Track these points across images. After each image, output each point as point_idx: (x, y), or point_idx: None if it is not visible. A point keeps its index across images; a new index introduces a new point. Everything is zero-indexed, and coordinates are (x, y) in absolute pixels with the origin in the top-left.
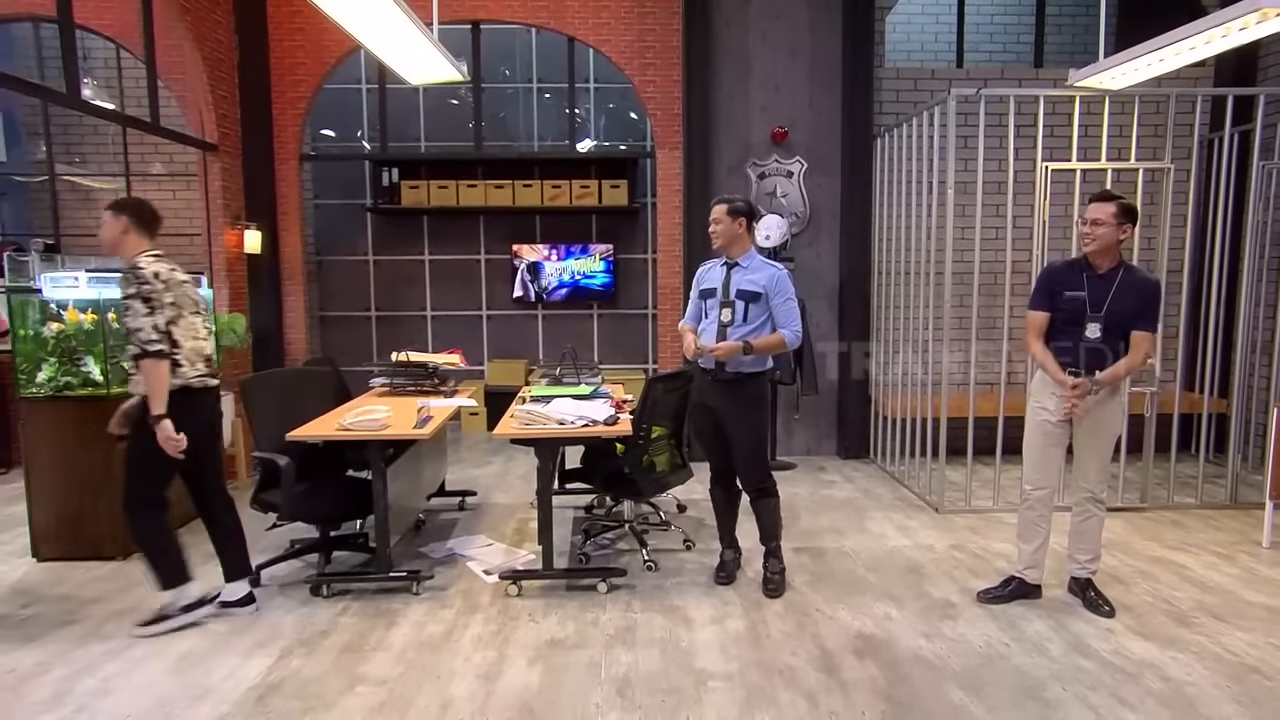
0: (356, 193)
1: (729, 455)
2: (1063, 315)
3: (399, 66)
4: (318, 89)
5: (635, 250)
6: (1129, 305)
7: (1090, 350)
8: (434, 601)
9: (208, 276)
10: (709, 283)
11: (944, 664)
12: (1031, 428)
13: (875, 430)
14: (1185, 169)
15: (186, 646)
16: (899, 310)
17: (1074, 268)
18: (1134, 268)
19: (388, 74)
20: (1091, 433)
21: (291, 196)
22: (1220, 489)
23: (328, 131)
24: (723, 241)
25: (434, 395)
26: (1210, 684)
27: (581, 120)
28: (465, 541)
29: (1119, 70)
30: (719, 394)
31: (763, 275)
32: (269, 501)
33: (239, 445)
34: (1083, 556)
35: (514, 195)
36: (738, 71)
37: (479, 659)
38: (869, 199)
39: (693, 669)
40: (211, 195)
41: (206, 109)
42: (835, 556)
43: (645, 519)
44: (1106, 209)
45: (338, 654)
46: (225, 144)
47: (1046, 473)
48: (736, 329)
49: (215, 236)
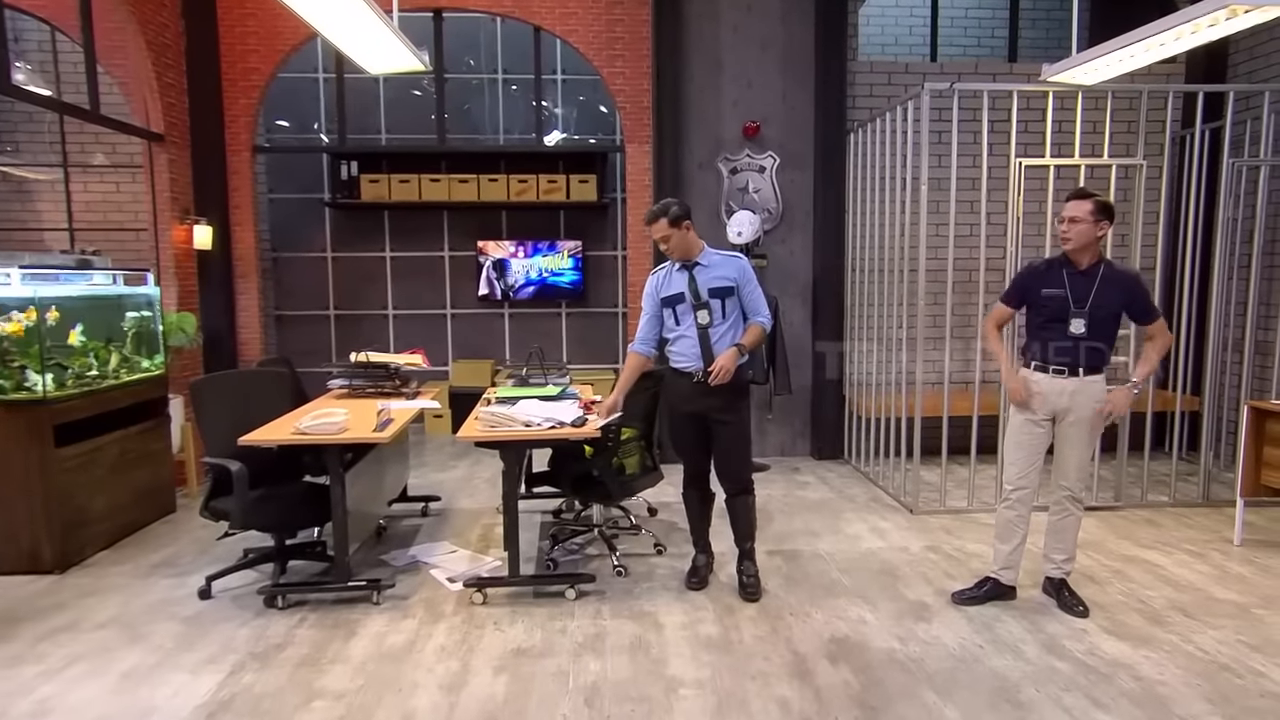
0: (314, 187)
1: (708, 459)
2: (1045, 313)
3: (357, 55)
4: (271, 77)
5: (605, 247)
6: (1113, 299)
7: (1068, 347)
8: (395, 611)
9: (154, 273)
10: (671, 289)
11: (918, 667)
12: (1014, 426)
13: (850, 430)
14: (1157, 165)
15: (130, 663)
16: (873, 308)
17: (1053, 266)
18: (1113, 262)
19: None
20: (1078, 430)
21: (244, 190)
22: (1193, 487)
23: (283, 122)
24: (679, 253)
25: (395, 397)
26: (1182, 683)
27: (549, 113)
28: (428, 548)
29: (1091, 66)
30: (705, 396)
31: (729, 268)
32: (220, 509)
33: (188, 451)
34: (1058, 556)
35: (479, 190)
36: (709, 64)
37: (442, 670)
38: (842, 195)
39: (663, 676)
40: (158, 188)
41: (151, 97)
42: (809, 559)
43: (615, 523)
44: (1083, 206)
45: (293, 668)
46: (172, 134)
47: (1028, 472)
48: (716, 328)
49: (163, 231)
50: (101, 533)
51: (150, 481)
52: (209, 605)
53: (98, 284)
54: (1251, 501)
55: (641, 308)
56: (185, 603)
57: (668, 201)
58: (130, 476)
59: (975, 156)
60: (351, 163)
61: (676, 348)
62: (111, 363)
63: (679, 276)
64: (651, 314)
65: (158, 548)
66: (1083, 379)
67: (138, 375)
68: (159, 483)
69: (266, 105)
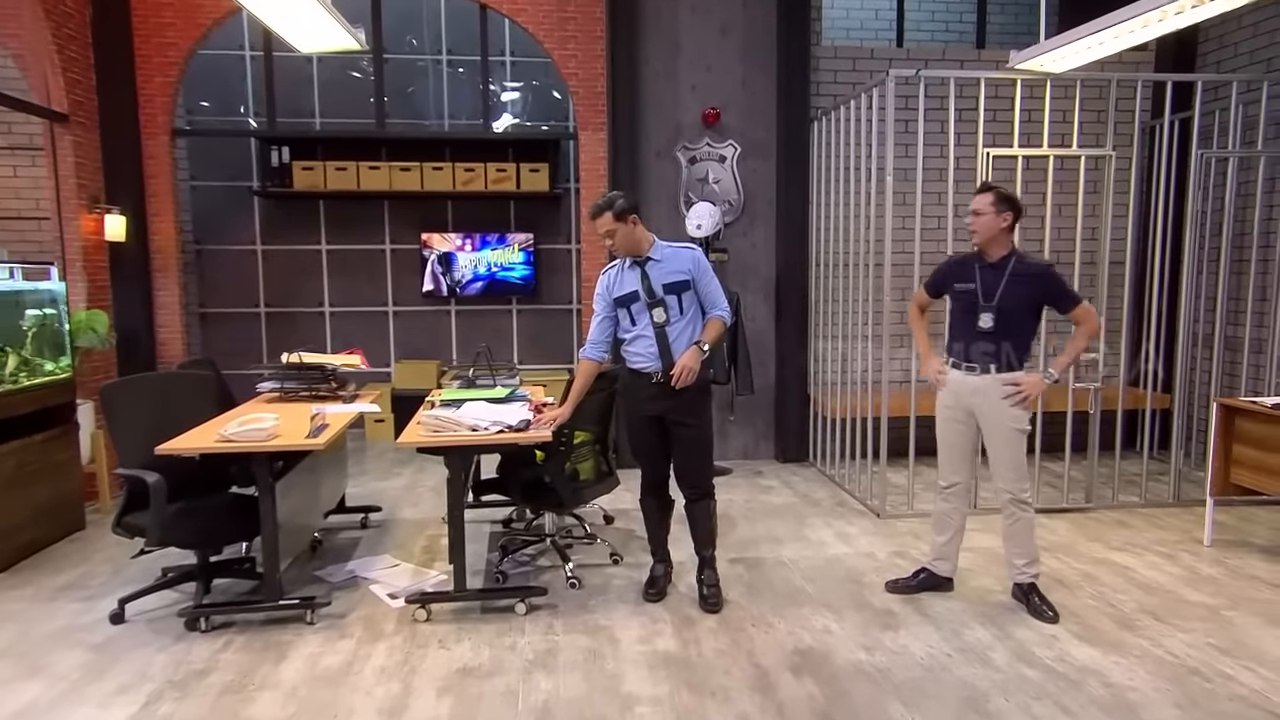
0: (241, 174)
1: (668, 464)
2: (959, 307)
3: (286, 32)
4: (191, 53)
5: (558, 240)
6: (1022, 293)
7: (980, 344)
8: (331, 631)
9: (59, 267)
10: (624, 288)
11: (885, 678)
12: (938, 421)
13: (814, 432)
14: (1127, 156)
15: (27, 698)
16: (838, 304)
17: (967, 261)
18: (1026, 255)
19: (275, 40)
20: (993, 431)
21: (162, 176)
22: (1164, 486)
23: (205, 103)
24: (626, 249)
25: (331, 401)
26: (1151, 688)
27: (497, 98)
28: (368, 563)
29: (1060, 53)
30: (665, 398)
31: (682, 261)
32: (136, 525)
33: (100, 461)
34: (1019, 561)
35: (422, 179)
36: (666, 48)
37: (382, 693)
38: (806, 186)
39: (619, 693)
40: (62, 173)
41: (53, 72)
42: (772, 567)
43: (569, 532)
44: (985, 199)
45: (217, 696)
46: (78, 114)
47: (957, 467)
48: (674, 325)
49: (69, 221)
50: None
51: (55, 496)
52: (122, 630)
53: None
54: (1221, 501)
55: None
56: (94, 628)
57: (613, 195)
58: (31, 491)
59: (942, 146)
60: (282, 148)
61: (633, 348)
62: (9, 366)
63: (630, 274)
64: (604, 315)
65: (63, 569)
66: (994, 376)
67: (40, 379)
68: (65, 497)
69: (187, 84)
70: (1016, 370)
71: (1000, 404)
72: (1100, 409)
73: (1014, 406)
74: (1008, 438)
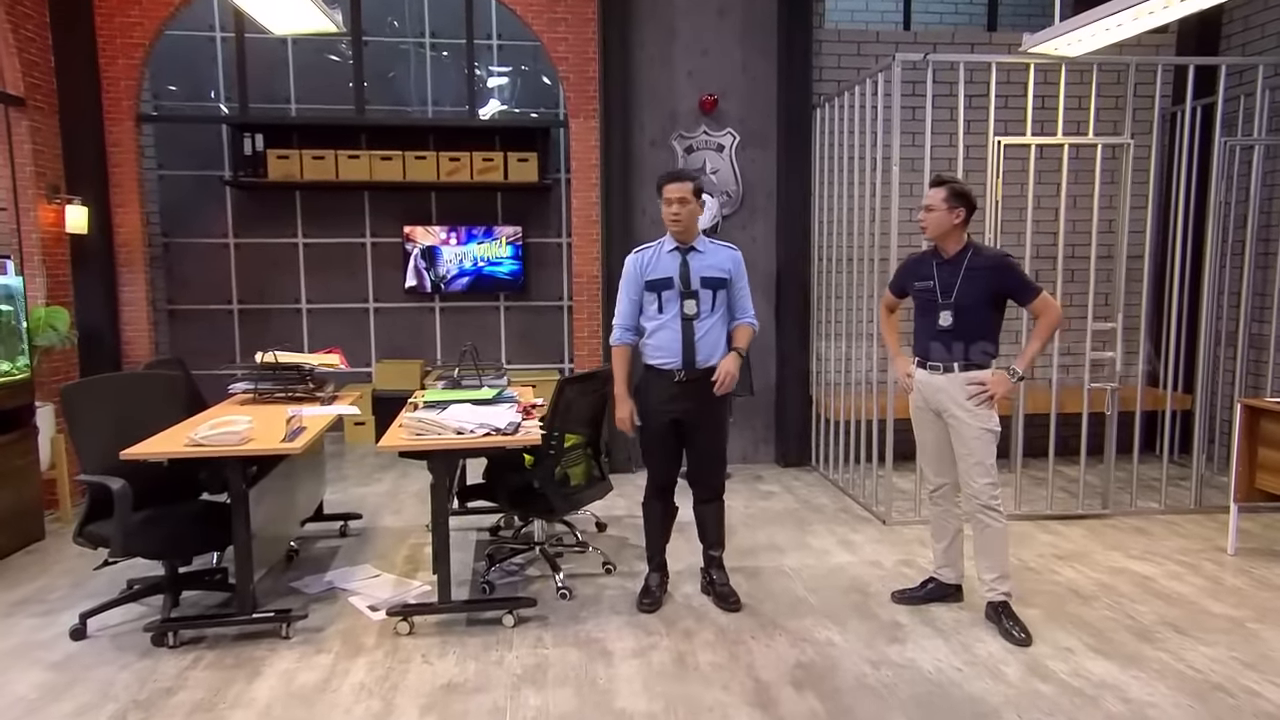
0: (212, 163)
1: (679, 468)
2: (919, 305)
3: (257, 12)
4: (158, 34)
5: (547, 233)
6: (979, 287)
7: (941, 342)
8: (308, 645)
9: (15, 261)
10: (660, 272)
11: (891, 693)
12: (913, 424)
13: (817, 435)
14: (1146, 145)
15: None
16: (841, 300)
17: (925, 258)
18: (982, 248)
19: (246, 21)
20: (959, 431)
21: (127, 165)
22: (1186, 492)
23: (173, 88)
24: (686, 224)
25: (308, 402)
26: (1172, 704)
27: (484, 83)
28: (347, 573)
29: (1075, 36)
30: (688, 396)
31: (724, 258)
32: (99, 535)
33: (60, 467)
34: (988, 576)
35: (405, 169)
36: (661, 31)
37: (361, 711)
38: (808, 176)
39: (612, 710)
40: (19, 161)
41: (8, 52)
42: (773, 576)
43: (559, 540)
44: (937, 194)
45: (186, 715)
46: (36, 97)
47: (939, 469)
48: (703, 321)
49: (26, 212)
50: None
51: (12, 504)
52: (83, 646)
53: None
54: (1246, 507)
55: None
56: (54, 645)
57: (695, 170)
58: None
59: (951, 134)
60: (256, 136)
61: (654, 340)
62: None
63: (669, 259)
64: (634, 298)
65: (20, 581)
66: (956, 374)
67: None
68: (23, 505)
69: (153, 67)
70: (981, 368)
71: (965, 403)
72: (1117, 410)
73: (979, 406)
74: (974, 438)
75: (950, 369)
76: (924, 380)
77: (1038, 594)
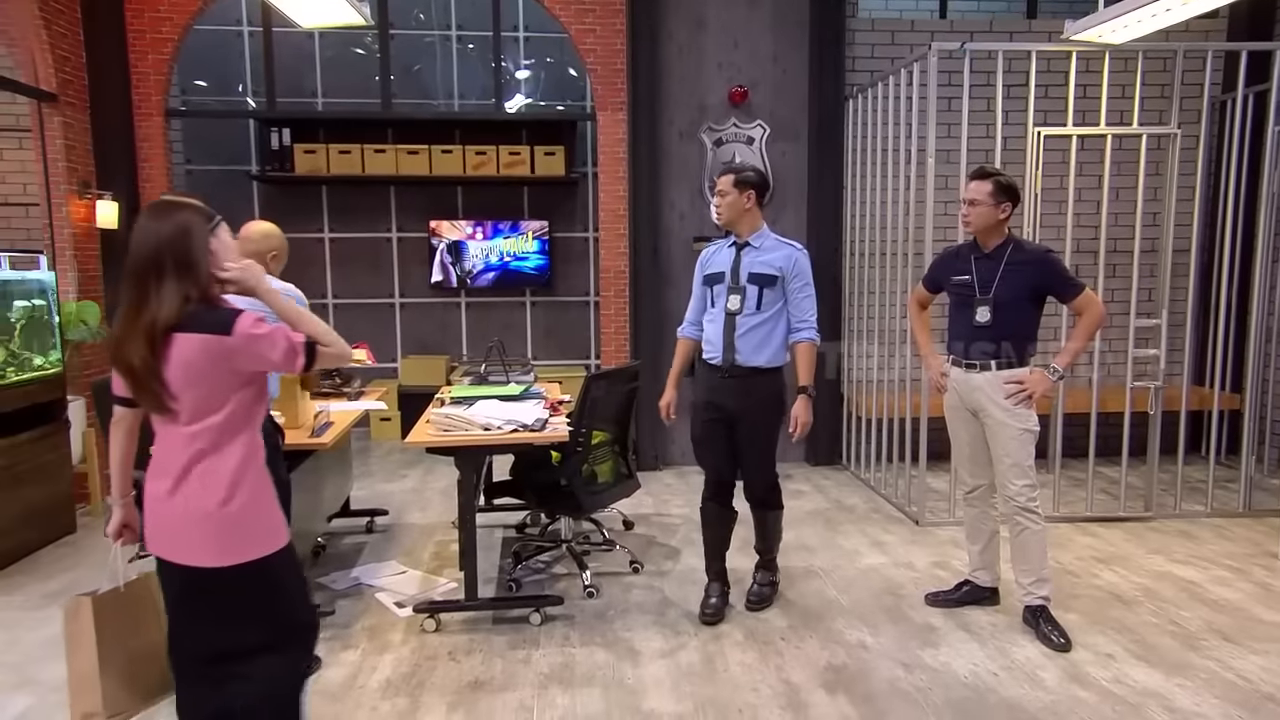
0: (239, 158)
1: (734, 468)
2: (954, 300)
3: (286, 6)
4: (186, 29)
5: (574, 228)
6: (1020, 283)
7: (979, 340)
8: (334, 641)
9: (48, 256)
10: (715, 266)
11: (925, 698)
12: (948, 424)
13: (848, 433)
14: (1194, 134)
15: (17, 710)
16: (873, 296)
17: (962, 252)
18: (1023, 243)
19: (274, 15)
20: (995, 431)
21: (156, 160)
22: (1233, 495)
23: (201, 83)
24: (727, 216)
25: (335, 398)
26: (1221, 714)
27: (510, 76)
28: (373, 569)
29: (1120, 22)
30: (735, 392)
31: (778, 256)
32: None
33: (91, 461)
34: (1025, 580)
35: (431, 163)
36: (690, 21)
37: (388, 708)
38: (840, 169)
39: (639, 711)
40: (51, 157)
41: (40, 49)
42: (803, 577)
43: (586, 538)
44: (982, 187)
45: None
46: (68, 93)
47: (974, 470)
48: (745, 318)
49: (58, 207)
50: None
51: (45, 497)
52: None
53: None
54: None
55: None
56: None
57: (749, 165)
58: (20, 492)
59: (989, 125)
60: (283, 130)
61: (706, 334)
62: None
63: (725, 254)
64: (696, 292)
65: (54, 574)
66: (994, 373)
67: (29, 374)
68: (56, 499)
69: (181, 62)
70: (1019, 366)
71: (1002, 402)
72: (1162, 409)
73: (1017, 406)
74: (1012, 438)
75: (987, 367)
76: (960, 379)
77: (1077, 598)
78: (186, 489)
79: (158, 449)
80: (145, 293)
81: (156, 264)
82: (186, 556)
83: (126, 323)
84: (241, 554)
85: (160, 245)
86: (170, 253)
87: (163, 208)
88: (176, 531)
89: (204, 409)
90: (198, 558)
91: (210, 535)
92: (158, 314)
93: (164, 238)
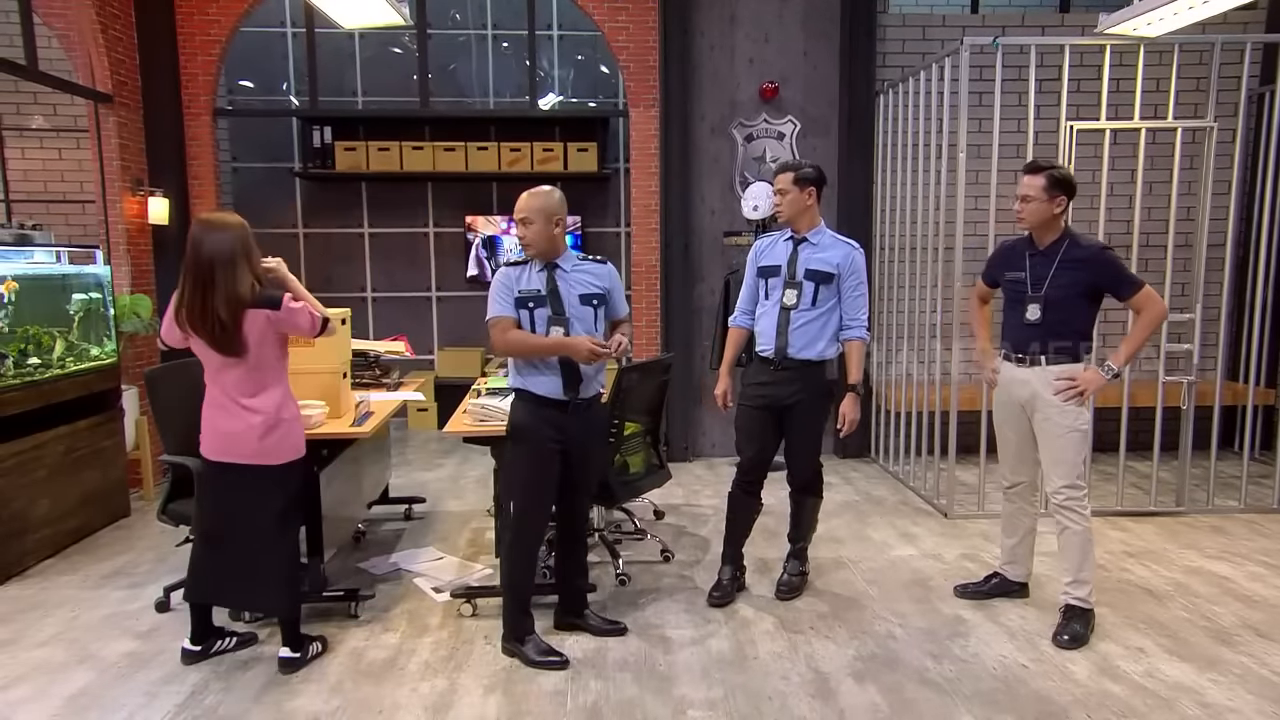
0: (282, 155)
1: (771, 457)
2: (1007, 298)
3: (328, 7)
4: (233, 31)
5: (606, 223)
6: (1073, 280)
7: (1029, 337)
8: (375, 624)
9: (104, 251)
10: (771, 259)
11: (954, 688)
12: (995, 417)
13: (877, 426)
14: (1230, 128)
15: (77, 684)
16: (903, 290)
17: (1017, 248)
18: (1080, 238)
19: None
20: (1044, 428)
21: (204, 158)
22: (1267, 491)
23: (246, 83)
24: (789, 214)
25: (375, 388)
26: (1255, 710)
27: (544, 74)
28: (412, 555)
29: (1156, 15)
30: (786, 384)
31: (836, 253)
32: (181, 513)
33: (144, 448)
34: (1065, 578)
35: (467, 159)
36: (722, 18)
37: (427, 689)
38: (870, 164)
39: (671, 696)
40: (107, 155)
41: (97, 52)
42: (832, 567)
43: (618, 527)
44: (1035, 182)
45: (261, 688)
46: (122, 94)
47: (1017, 466)
48: (800, 313)
49: (112, 204)
50: (44, 540)
51: (100, 483)
52: (167, 619)
53: (39, 262)
54: None
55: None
56: (140, 616)
57: (805, 161)
58: (78, 477)
59: (1020, 120)
60: (324, 128)
61: (759, 325)
62: (56, 350)
63: (784, 247)
64: (750, 284)
65: (109, 556)
66: (1044, 369)
67: (86, 364)
68: (110, 484)
69: (228, 63)
70: (1071, 364)
71: (1052, 400)
72: (1194, 404)
73: (1068, 403)
74: (1060, 437)
75: (1037, 362)
76: (1010, 374)
77: (1108, 592)
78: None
79: (213, 388)
80: (213, 279)
81: (230, 258)
82: (240, 457)
83: (200, 299)
84: (280, 457)
85: (233, 244)
86: (242, 250)
87: (216, 220)
88: (237, 436)
89: (259, 356)
90: (249, 458)
91: (256, 442)
92: (237, 292)
93: (234, 239)
